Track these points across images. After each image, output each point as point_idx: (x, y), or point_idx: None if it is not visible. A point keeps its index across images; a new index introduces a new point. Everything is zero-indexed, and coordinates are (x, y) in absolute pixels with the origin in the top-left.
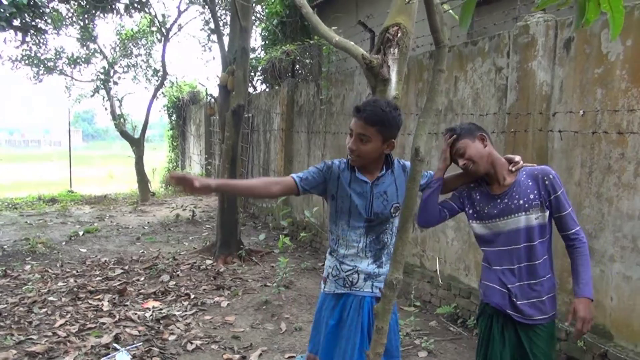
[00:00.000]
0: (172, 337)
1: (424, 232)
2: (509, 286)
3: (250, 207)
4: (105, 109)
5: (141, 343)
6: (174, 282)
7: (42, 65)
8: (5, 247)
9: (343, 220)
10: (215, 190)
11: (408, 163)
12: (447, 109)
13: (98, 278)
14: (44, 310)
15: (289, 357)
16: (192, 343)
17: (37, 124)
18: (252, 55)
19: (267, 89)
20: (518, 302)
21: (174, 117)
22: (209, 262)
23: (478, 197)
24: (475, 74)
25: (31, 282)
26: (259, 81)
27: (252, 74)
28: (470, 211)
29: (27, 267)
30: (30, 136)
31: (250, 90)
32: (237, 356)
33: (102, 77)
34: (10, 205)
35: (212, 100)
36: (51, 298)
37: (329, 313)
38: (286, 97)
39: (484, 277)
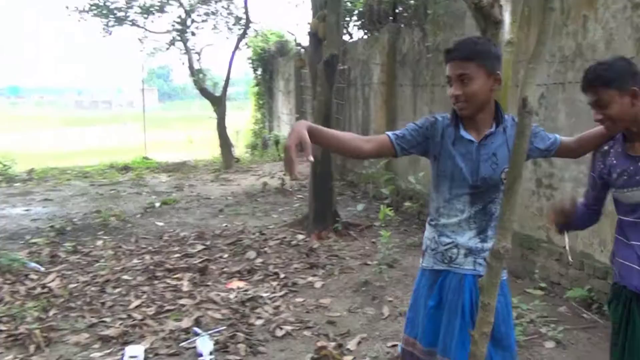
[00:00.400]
0: (259, 322)
1: (550, 201)
2: None
3: (347, 173)
4: (183, 63)
5: (225, 327)
6: (261, 260)
7: (111, 16)
8: (75, 220)
9: (445, 186)
10: (310, 136)
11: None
12: (575, 54)
13: (177, 255)
14: (117, 290)
15: (392, 346)
16: (281, 328)
17: (107, 83)
18: None
19: (365, 36)
20: None
21: (259, 72)
22: (300, 237)
23: (614, 161)
24: (607, 11)
25: (103, 259)
26: (356, 27)
27: (347, 18)
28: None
29: (99, 243)
30: (100, 97)
31: (346, 38)
32: (333, 344)
33: (179, 27)
34: (80, 174)
35: (302, 50)
36: (125, 277)
37: (427, 292)
38: (387, 45)
39: (619, 254)
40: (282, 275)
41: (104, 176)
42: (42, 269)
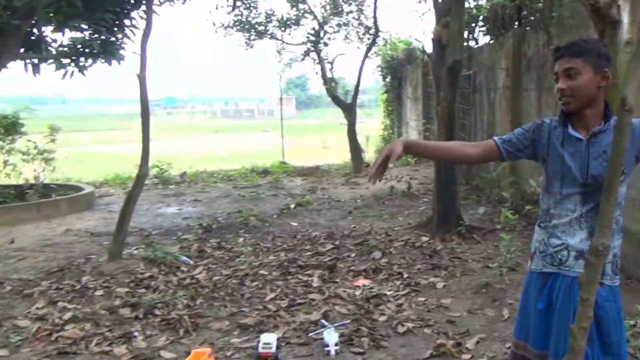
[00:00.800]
0: (382, 318)
1: None
2: None
3: (473, 178)
4: (316, 72)
5: (350, 322)
6: (386, 260)
7: (253, 30)
8: (219, 219)
9: (555, 187)
10: (406, 151)
11: (636, 121)
12: None
13: (308, 253)
14: (255, 283)
15: (510, 347)
16: (403, 325)
17: (251, 93)
18: (471, 3)
19: (490, 42)
20: None
21: (388, 79)
22: (424, 239)
23: None
24: None
25: (243, 255)
26: (481, 33)
27: (473, 24)
28: None
29: (240, 240)
30: (244, 105)
31: (471, 44)
32: (452, 342)
33: (313, 38)
34: (225, 177)
35: (427, 57)
36: (262, 271)
37: (537, 295)
38: (512, 49)
39: None
40: (405, 275)
41: (245, 179)
42: (191, 262)
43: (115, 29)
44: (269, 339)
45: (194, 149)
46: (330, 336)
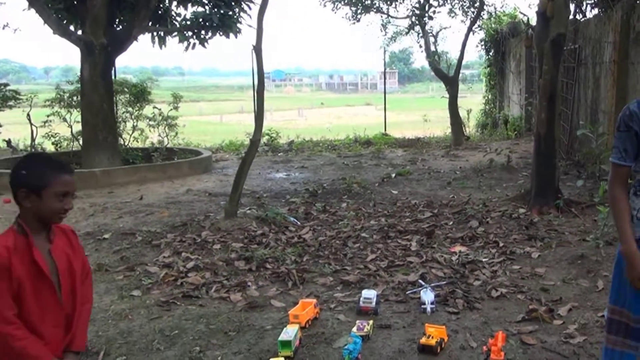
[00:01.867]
0: (476, 282)
1: None
2: None
3: (575, 153)
4: (420, 46)
5: (445, 283)
6: (483, 229)
7: (359, 4)
8: (324, 185)
9: None
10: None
11: None
12: None
13: (407, 219)
14: (357, 245)
15: (602, 316)
16: (497, 290)
17: (355, 67)
18: None
19: (599, 14)
20: None
21: (491, 53)
22: (521, 210)
23: None
24: None
25: (346, 219)
26: (589, 6)
27: None
28: None
29: (344, 205)
30: (348, 79)
31: (578, 17)
32: (544, 308)
33: (418, 12)
34: (330, 147)
35: (530, 30)
36: (363, 235)
37: None
38: (620, 22)
39: None
40: (501, 244)
41: (349, 149)
42: (299, 223)
43: (233, 3)
44: (369, 295)
45: (301, 119)
46: (427, 295)
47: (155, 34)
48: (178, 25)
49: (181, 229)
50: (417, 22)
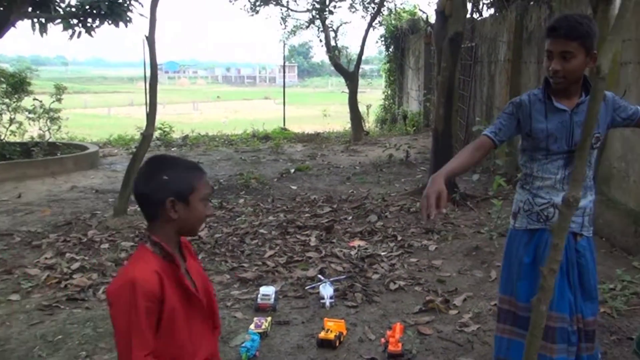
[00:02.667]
0: (375, 276)
1: None
2: None
3: None
4: (320, 40)
5: (345, 278)
6: (382, 223)
7: None
8: (221, 181)
9: (540, 154)
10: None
11: (609, 93)
12: None
13: (306, 215)
14: (255, 241)
15: (495, 305)
16: (395, 283)
17: (253, 60)
18: None
19: (494, 14)
20: None
21: (391, 49)
22: (419, 204)
23: None
24: None
25: (244, 215)
26: (485, 6)
27: None
28: None
29: (241, 201)
30: (246, 72)
31: (475, 16)
32: (440, 299)
33: (318, 6)
34: (227, 142)
35: (430, 28)
36: (262, 231)
37: (523, 250)
38: (514, 22)
39: None
40: (399, 238)
41: (246, 144)
42: None
43: None
44: (267, 291)
45: (195, 113)
46: (326, 290)
47: (35, 20)
48: (62, 12)
49: (65, 228)
50: (317, 16)
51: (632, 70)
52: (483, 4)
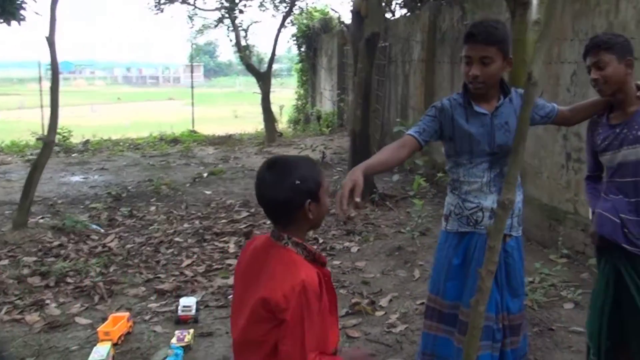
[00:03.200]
0: None
1: (579, 175)
2: (621, 215)
3: None
4: (230, 40)
5: None
6: None
7: None
8: (129, 188)
9: (464, 158)
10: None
11: (522, 91)
12: None
13: (223, 220)
14: (170, 250)
15: (421, 304)
16: None
17: (155, 60)
18: None
19: (407, 14)
20: (630, 236)
21: (303, 49)
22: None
23: (600, 130)
24: None
25: (157, 223)
26: (398, 6)
27: None
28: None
29: (152, 209)
30: (148, 72)
31: (388, 16)
32: (366, 301)
33: (227, 4)
34: (132, 146)
35: (345, 28)
36: (177, 239)
37: (452, 251)
38: (427, 23)
39: (600, 206)
40: (321, 241)
41: (154, 148)
42: (102, 230)
43: None
44: (188, 302)
45: (94, 116)
46: None
47: None
48: None
49: None
50: (227, 15)
51: (541, 69)
52: (396, 4)
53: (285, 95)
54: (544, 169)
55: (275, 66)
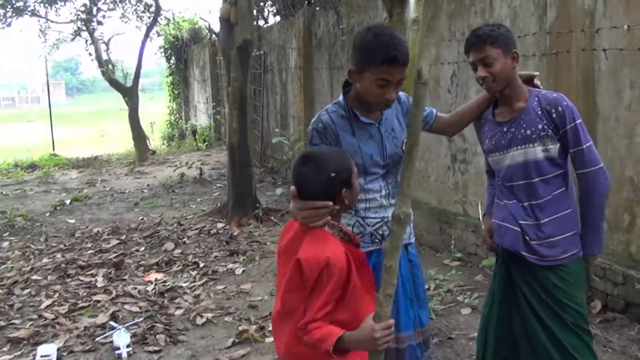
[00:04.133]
0: (178, 312)
1: (465, 176)
2: (520, 222)
3: (268, 160)
4: (90, 54)
5: (142, 320)
6: (180, 251)
7: (9, 6)
8: None
9: (360, 178)
10: None
11: (403, 95)
12: None
13: (90, 251)
14: (27, 291)
15: None
16: (202, 316)
17: (9, 79)
18: None
19: (281, 21)
20: (532, 242)
21: (172, 61)
22: (220, 225)
23: (486, 127)
24: None
25: (10, 261)
26: (271, 13)
27: (262, 3)
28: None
29: (5, 244)
30: (2, 93)
31: (261, 23)
32: (254, 327)
33: (84, 16)
34: None
35: (215, 37)
36: (35, 277)
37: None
38: (302, 28)
39: (495, 216)
40: (201, 265)
41: (8, 176)
42: None
43: None
44: (47, 351)
45: None
46: (121, 338)
47: None
48: None
49: None
50: (83, 27)
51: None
52: (268, 11)
53: (158, 110)
54: (431, 172)
55: (144, 80)
